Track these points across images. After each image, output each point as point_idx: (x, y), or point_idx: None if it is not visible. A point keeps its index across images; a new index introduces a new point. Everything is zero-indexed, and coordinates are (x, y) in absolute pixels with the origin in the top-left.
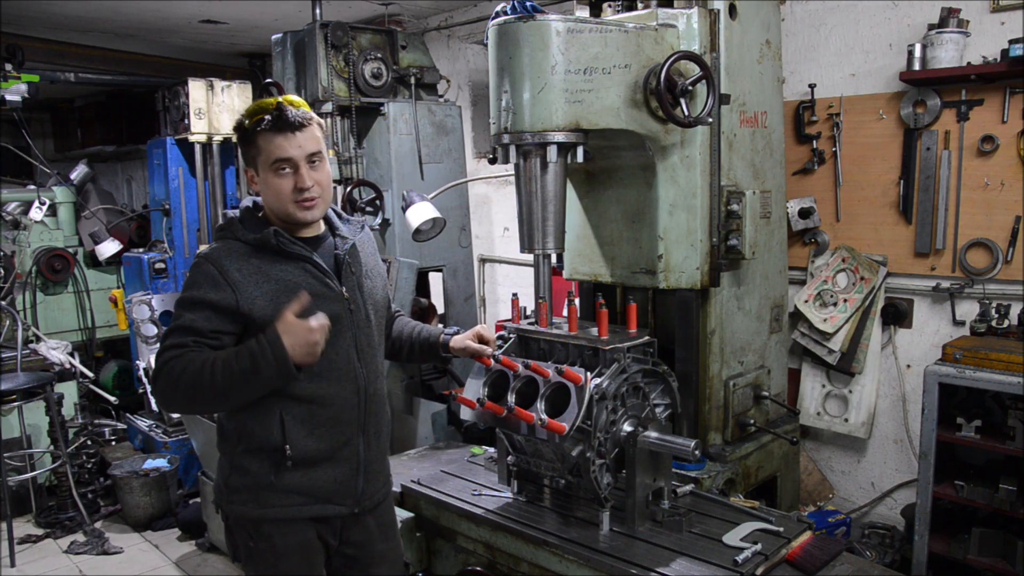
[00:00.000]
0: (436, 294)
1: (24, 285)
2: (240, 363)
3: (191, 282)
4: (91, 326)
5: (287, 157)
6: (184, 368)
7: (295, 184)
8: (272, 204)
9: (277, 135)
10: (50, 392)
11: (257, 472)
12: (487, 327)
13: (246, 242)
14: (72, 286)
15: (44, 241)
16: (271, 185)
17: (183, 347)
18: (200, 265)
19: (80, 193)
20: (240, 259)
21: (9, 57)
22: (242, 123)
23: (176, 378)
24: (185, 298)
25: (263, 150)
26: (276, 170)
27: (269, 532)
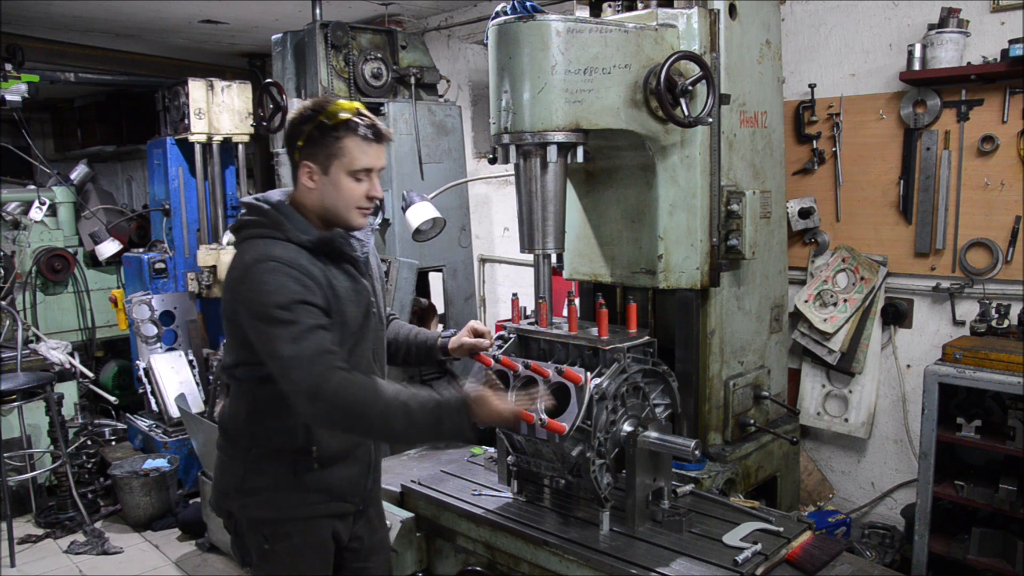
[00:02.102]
0: (436, 294)
1: (24, 285)
2: (424, 417)
3: (276, 285)
4: (91, 326)
5: (371, 167)
6: (355, 395)
7: (367, 192)
8: (331, 205)
9: (369, 144)
10: (50, 392)
11: (276, 473)
12: (480, 322)
13: (300, 244)
14: (72, 286)
15: (44, 241)
16: (344, 188)
17: (327, 355)
18: (277, 268)
19: (80, 193)
20: (308, 262)
21: (9, 57)
22: (317, 118)
23: (345, 404)
24: (283, 303)
25: (348, 153)
26: (356, 176)
27: (288, 532)
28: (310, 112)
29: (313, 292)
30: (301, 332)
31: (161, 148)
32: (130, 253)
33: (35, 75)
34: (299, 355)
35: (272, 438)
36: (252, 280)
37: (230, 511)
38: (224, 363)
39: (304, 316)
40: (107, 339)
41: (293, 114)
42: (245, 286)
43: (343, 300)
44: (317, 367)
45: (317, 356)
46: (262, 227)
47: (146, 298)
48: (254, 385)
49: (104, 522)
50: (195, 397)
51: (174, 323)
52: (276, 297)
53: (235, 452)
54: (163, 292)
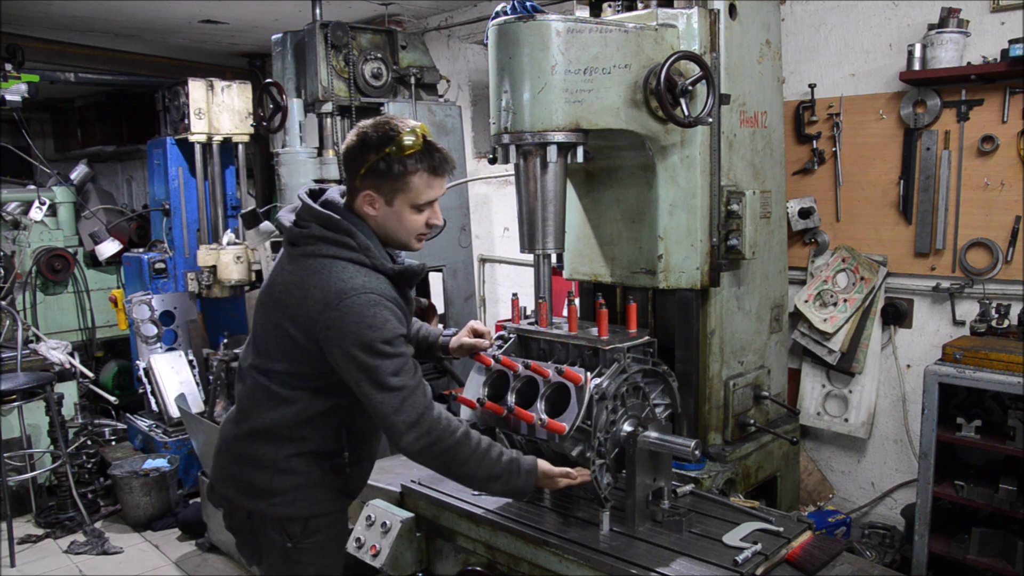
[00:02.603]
0: (436, 294)
1: (24, 285)
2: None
3: (382, 320)
4: (91, 326)
5: (433, 200)
6: (453, 436)
7: (427, 221)
8: (396, 234)
9: (434, 178)
10: (50, 392)
11: (307, 472)
12: (480, 322)
13: (384, 272)
14: (72, 286)
15: (44, 241)
16: (407, 220)
17: (424, 390)
18: (379, 302)
19: (80, 193)
20: (395, 291)
21: (9, 57)
22: (384, 149)
23: (447, 443)
24: (389, 338)
25: (414, 188)
26: (419, 208)
27: (316, 527)
28: (376, 140)
29: (404, 325)
30: (403, 364)
31: (161, 148)
32: (130, 253)
33: (35, 75)
34: (403, 386)
35: (309, 440)
36: (351, 310)
37: (251, 511)
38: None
39: (404, 349)
40: (107, 339)
41: (354, 138)
42: (340, 314)
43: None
44: (415, 401)
45: (417, 389)
46: (348, 248)
47: (146, 298)
48: (309, 393)
49: (104, 522)
50: (195, 397)
51: (174, 323)
52: (381, 332)
53: (263, 452)
54: (163, 292)
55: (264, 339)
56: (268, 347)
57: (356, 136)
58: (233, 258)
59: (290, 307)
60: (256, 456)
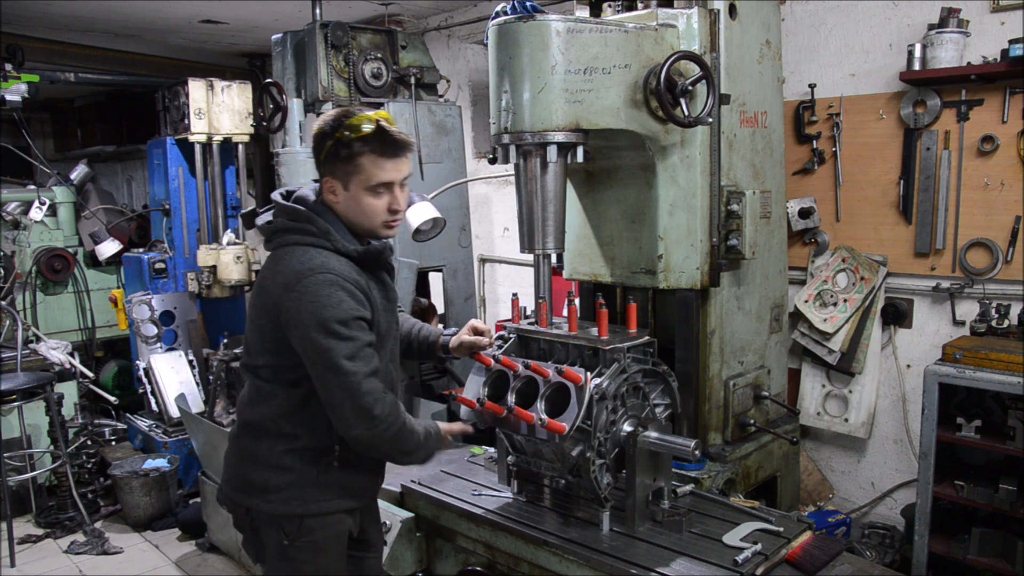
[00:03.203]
0: (436, 294)
1: (24, 285)
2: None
3: (337, 300)
4: (91, 326)
5: (389, 181)
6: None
7: (388, 205)
8: (356, 220)
9: (385, 159)
10: (50, 392)
11: (301, 469)
12: (480, 320)
13: (348, 255)
14: (72, 286)
15: (44, 241)
16: (364, 203)
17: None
18: (336, 282)
19: (80, 193)
20: (358, 274)
21: (9, 57)
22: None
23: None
24: (343, 318)
25: (365, 170)
26: (375, 192)
27: (311, 526)
28: (330, 127)
29: (366, 307)
30: (357, 349)
31: (161, 148)
32: (130, 253)
33: (35, 75)
34: (356, 372)
35: (300, 436)
36: (307, 290)
37: (249, 508)
38: (248, 362)
39: (361, 333)
40: (107, 339)
41: (316, 127)
42: (297, 295)
43: (379, 310)
44: (370, 387)
45: (371, 375)
46: (309, 235)
47: (146, 298)
48: (286, 386)
49: (104, 522)
50: (195, 397)
51: (174, 323)
52: (335, 311)
53: (259, 449)
54: (163, 292)
55: (249, 336)
56: (252, 343)
57: (316, 125)
58: (233, 258)
59: (260, 298)
60: (252, 453)
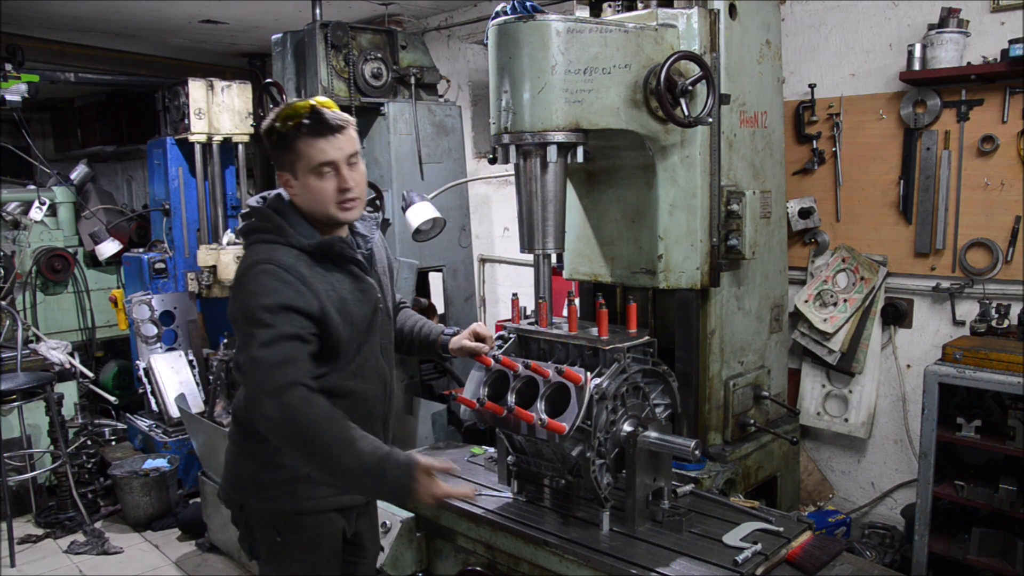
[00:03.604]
0: (436, 294)
1: (24, 285)
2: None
3: (266, 288)
4: (91, 326)
5: (330, 160)
6: (314, 416)
7: (337, 186)
8: (312, 207)
9: (318, 139)
10: (50, 392)
11: (292, 466)
12: (483, 325)
13: (302, 248)
14: (72, 286)
15: (44, 241)
16: (312, 188)
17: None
18: (271, 271)
19: (80, 193)
20: (309, 266)
21: (9, 57)
22: (275, 128)
23: (302, 421)
24: (268, 304)
25: (303, 154)
26: (318, 173)
27: (303, 524)
28: (270, 123)
29: (305, 298)
30: (276, 337)
31: (161, 148)
32: (130, 253)
33: (35, 75)
34: (266, 358)
35: None
36: (247, 281)
37: (243, 504)
38: (236, 360)
39: (284, 323)
40: (107, 339)
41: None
42: (239, 286)
43: (348, 302)
44: (281, 375)
45: (284, 364)
46: (266, 232)
47: (146, 298)
48: None
49: (104, 522)
50: (195, 397)
51: (174, 323)
52: (263, 299)
53: (249, 445)
54: (163, 292)
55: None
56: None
57: (262, 126)
58: (233, 258)
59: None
60: (245, 450)
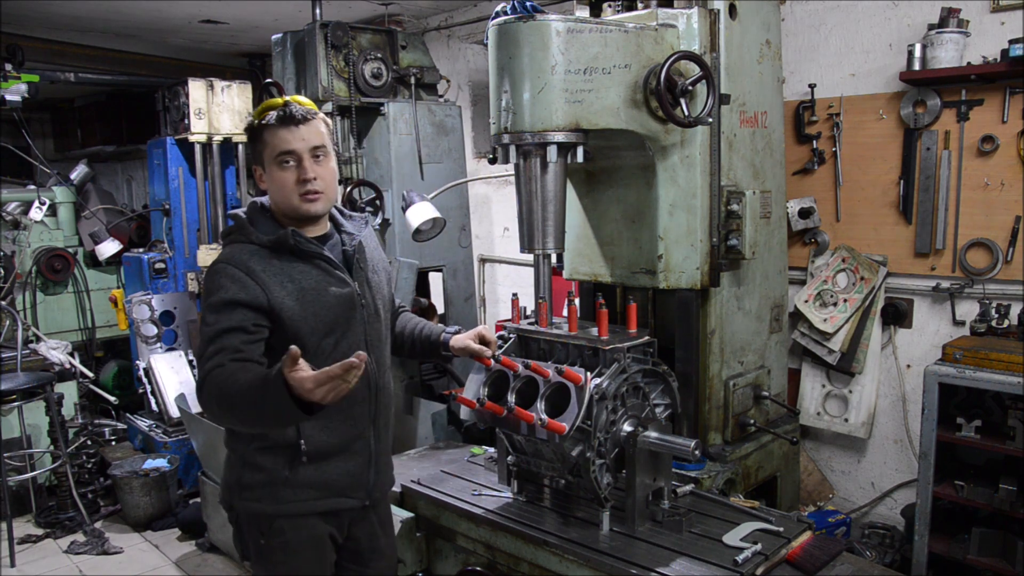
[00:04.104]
0: (436, 294)
1: (24, 285)
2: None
3: (216, 286)
4: (91, 326)
5: (290, 149)
6: (222, 383)
7: (298, 176)
8: (277, 198)
9: (281, 128)
10: (50, 392)
11: (272, 468)
12: (488, 328)
13: (261, 244)
14: (72, 286)
15: (44, 241)
16: (275, 178)
17: (223, 352)
18: (222, 270)
19: (80, 193)
20: (262, 260)
21: (9, 57)
22: (251, 122)
23: (217, 395)
24: (214, 303)
25: (268, 144)
26: (280, 163)
27: (282, 528)
28: (248, 120)
29: (249, 290)
30: (216, 332)
31: (161, 148)
32: (130, 253)
33: (35, 75)
34: (203, 353)
35: (267, 433)
36: (206, 280)
37: (231, 505)
38: None
39: (225, 317)
40: (107, 339)
41: None
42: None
43: (310, 292)
44: (209, 363)
45: (214, 354)
46: (231, 233)
47: (146, 298)
48: None
49: (104, 522)
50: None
51: (174, 323)
52: (211, 297)
53: (235, 445)
54: (163, 292)
55: None
56: None
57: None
58: None
59: None
60: (231, 450)
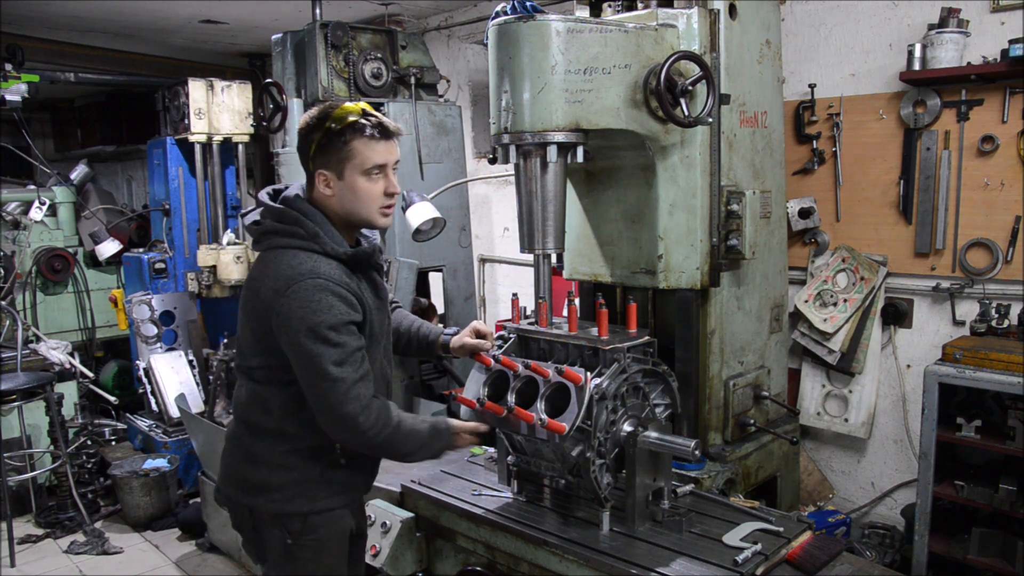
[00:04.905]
0: (436, 294)
1: (24, 285)
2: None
3: (327, 305)
4: (91, 326)
5: (384, 163)
6: (387, 418)
7: (384, 189)
8: (353, 208)
9: (377, 142)
10: (50, 392)
11: (304, 468)
12: (483, 323)
13: (337, 257)
14: (72, 286)
15: (44, 241)
16: (361, 190)
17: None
18: (327, 287)
19: (80, 193)
20: (349, 277)
21: (9, 57)
22: (327, 125)
23: (381, 426)
24: (333, 324)
25: (359, 154)
26: (370, 175)
27: (315, 524)
28: (316, 120)
29: (357, 311)
30: (347, 355)
31: (161, 148)
32: (130, 253)
33: (35, 75)
34: (343, 378)
35: (303, 436)
36: (297, 295)
37: (251, 508)
38: (242, 364)
39: (350, 339)
40: (107, 339)
41: (301, 125)
42: (287, 300)
43: (372, 310)
44: (365, 390)
45: (359, 381)
46: (297, 237)
47: (146, 298)
48: (282, 387)
49: (104, 522)
50: (195, 397)
51: (174, 323)
52: (326, 317)
53: (260, 448)
54: (163, 292)
55: (241, 338)
56: (244, 345)
57: (302, 123)
58: (233, 258)
59: (250, 301)
60: (252, 452)
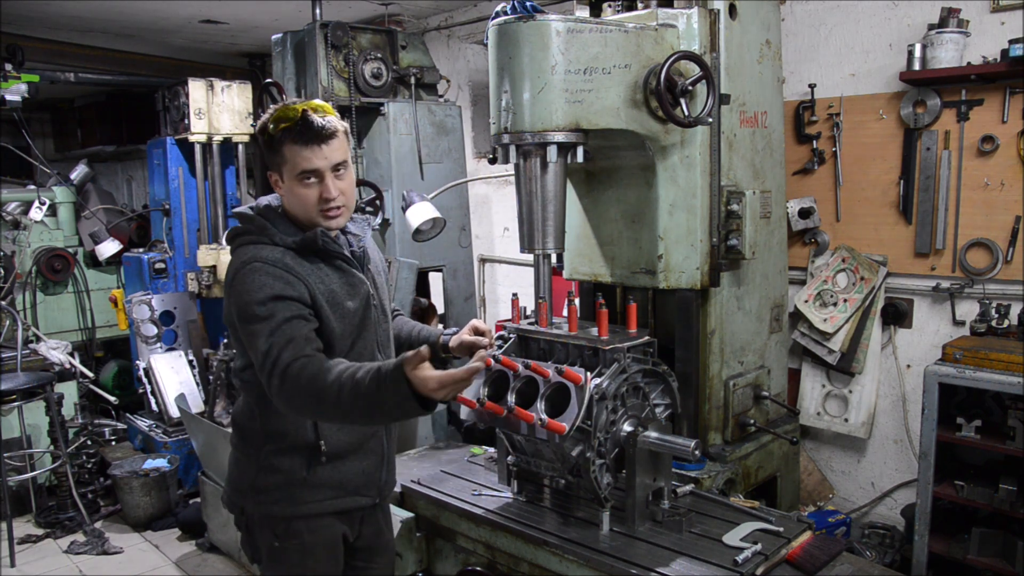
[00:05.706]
0: (436, 294)
1: (24, 285)
2: (367, 387)
3: (256, 285)
4: (91, 326)
5: (313, 169)
6: (316, 374)
7: (320, 194)
8: (297, 212)
9: (304, 147)
10: (50, 392)
11: (289, 470)
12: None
13: (286, 246)
14: (72, 286)
15: (44, 241)
16: (296, 195)
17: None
18: (259, 268)
19: (80, 193)
20: (294, 261)
21: (9, 57)
22: (267, 128)
23: (308, 387)
24: (260, 299)
25: (288, 160)
26: (301, 180)
27: (299, 529)
28: (263, 123)
29: (294, 287)
30: (277, 325)
31: (161, 148)
32: (130, 253)
33: (35, 75)
34: (273, 346)
35: (285, 435)
36: (238, 281)
37: (243, 508)
38: (233, 366)
39: (280, 310)
40: (107, 339)
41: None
42: (233, 288)
43: (337, 295)
44: (285, 354)
45: (287, 345)
46: (250, 234)
47: (146, 298)
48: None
49: (104, 522)
50: (195, 397)
51: (174, 323)
52: (256, 294)
53: (249, 450)
54: (163, 292)
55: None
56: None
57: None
58: None
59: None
60: (244, 453)
